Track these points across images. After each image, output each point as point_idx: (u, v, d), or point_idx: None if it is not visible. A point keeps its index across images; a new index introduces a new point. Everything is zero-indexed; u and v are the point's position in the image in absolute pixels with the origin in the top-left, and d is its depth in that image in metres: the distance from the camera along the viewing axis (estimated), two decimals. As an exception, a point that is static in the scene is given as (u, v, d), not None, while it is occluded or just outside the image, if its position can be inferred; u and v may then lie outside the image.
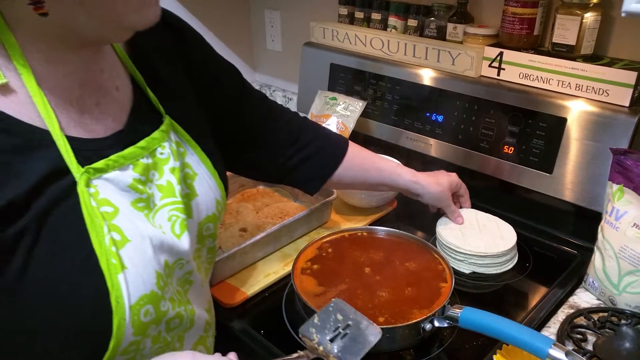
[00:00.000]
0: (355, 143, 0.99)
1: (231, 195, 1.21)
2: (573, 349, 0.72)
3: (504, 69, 1.06)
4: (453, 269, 0.86)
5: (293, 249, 1.01)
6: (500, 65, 1.06)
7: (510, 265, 0.96)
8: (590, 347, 0.75)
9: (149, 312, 0.56)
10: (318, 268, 0.88)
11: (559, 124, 0.98)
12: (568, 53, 0.98)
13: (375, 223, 1.10)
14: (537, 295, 0.90)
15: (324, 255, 0.91)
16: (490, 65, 1.08)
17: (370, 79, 1.27)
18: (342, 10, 1.36)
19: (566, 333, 0.78)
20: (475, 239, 0.96)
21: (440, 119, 1.16)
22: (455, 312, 0.73)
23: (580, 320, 0.81)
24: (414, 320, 0.75)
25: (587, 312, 0.82)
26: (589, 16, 0.94)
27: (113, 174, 0.56)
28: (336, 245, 0.93)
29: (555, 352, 0.60)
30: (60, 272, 0.51)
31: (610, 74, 0.92)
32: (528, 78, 1.03)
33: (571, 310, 0.85)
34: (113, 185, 0.56)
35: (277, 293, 0.91)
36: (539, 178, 1.03)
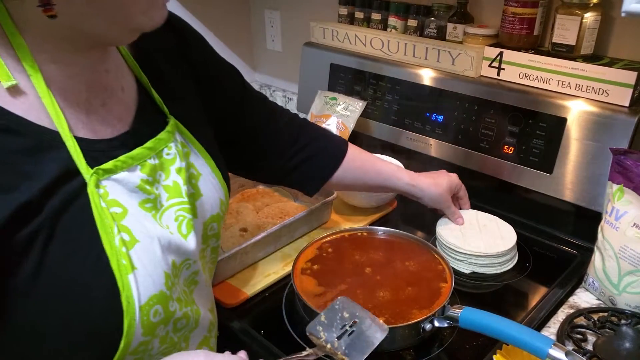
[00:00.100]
0: (356, 143, 0.99)
1: (231, 195, 1.21)
2: (573, 349, 0.72)
3: (503, 69, 1.06)
4: (453, 269, 0.86)
5: (293, 249, 1.01)
6: (500, 65, 1.06)
7: (510, 265, 0.96)
8: (590, 347, 0.75)
9: (158, 312, 0.57)
10: (318, 268, 0.88)
11: (559, 124, 0.98)
12: (568, 53, 0.98)
13: (375, 223, 1.10)
14: (537, 295, 0.90)
15: (324, 256, 0.91)
16: (490, 65, 1.08)
17: (370, 79, 1.27)
18: (342, 10, 1.36)
19: (566, 333, 0.78)
20: (475, 239, 0.96)
21: (440, 119, 1.16)
22: (455, 312, 0.73)
23: (580, 320, 0.81)
24: (414, 320, 0.75)
25: (587, 312, 0.82)
26: (589, 16, 0.94)
27: (121, 174, 0.56)
28: (336, 246, 0.93)
29: (555, 352, 0.60)
30: (72, 273, 0.51)
31: (610, 74, 0.92)
32: (528, 78, 1.03)
33: (571, 310, 0.85)
34: (121, 186, 0.56)
35: (277, 293, 0.91)
36: (539, 178, 1.03)
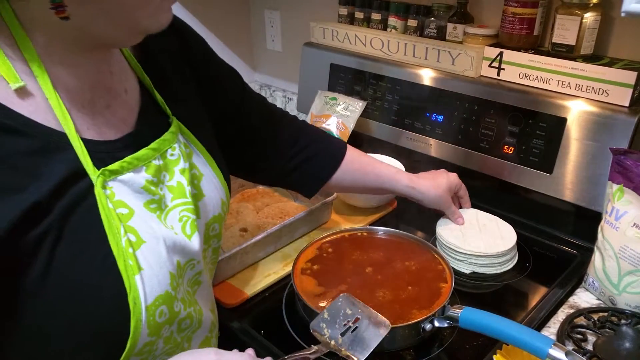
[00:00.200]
0: (356, 143, 0.99)
1: (231, 196, 1.20)
2: (573, 349, 0.72)
3: (503, 69, 1.06)
4: (453, 269, 0.86)
5: (293, 249, 1.01)
6: (500, 65, 1.06)
7: (510, 265, 0.96)
8: (590, 347, 0.75)
9: (164, 313, 0.57)
10: (318, 268, 0.88)
11: (559, 124, 0.98)
12: (568, 53, 0.98)
13: (375, 223, 1.10)
14: (537, 295, 0.90)
15: (324, 256, 0.91)
16: (490, 65, 1.08)
17: (370, 79, 1.27)
18: (342, 11, 1.36)
19: (566, 333, 0.78)
20: (475, 239, 0.96)
21: (440, 119, 1.16)
22: (455, 312, 0.73)
23: (580, 320, 0.81)
24: (414, 320, 0.75)
25: (587, 312, 0.82)
26: (589, 16, 0.94)
27: (127, 175, 0.56)
28: (336, 246, 0.93)
29: (555, 352, 0.60)
30: (80, 274, 0.52)
31: (610, 74, 0.92)
32: (528, 78, 1.03)
33: (571, 310, 0.85)
34: (127, 187, 0.56)
35: (277, 293, 0.91)
36: (539, 178, 1.03)
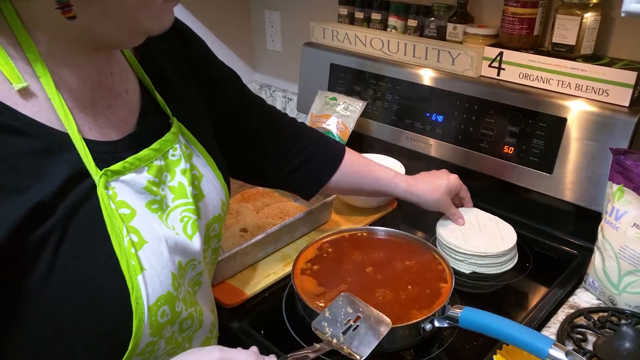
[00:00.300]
0: (356, 143, 0.99)
1: (231, 196, 1.20)
2: (573, 349, 0.72)
3: (503, 69, 1.06)
4: (453, 269, 0.86)
5: (293, 249, 1.01)
6: (500, 65, 1.06)
7: (510, 265, 0.96)
8: (590, 347, 0.75)
9: (166, 313, 0.57)
10: (318, 268, 0.88)
11: (559, 124, 0.98)
12: (568, 53, 0.98)
13: (375, 223, 1.10)
14: (537, 295, 0.90)
15: (324, 256, 0.91)
16: (490, 65, 1.08)
17: (370, 79, 1.27)
18: (342, 11, 1.36)
19: (566, 333, 0.78)
20: (475, 239, 0.96)
21: (440, 119, 1.16)
22: (455, 312, 0.73)
23: (580, 320, 0.81)
24: (414, 321, 0.75)
25: (587, 312, 0.82)
26: (589, 16, 0.94)
27: (129, 176, 0.57)
28: (336, 246, 0.93)
29: (555, 352, 0.60)
30: (83, 274, 0.52)
31: (610, 74, 0.92)
32: (528, 78, 1.03)
33: (571, 310, 0.85)
34: (129, 188, 0.57)
35: (277, 293, 0.91)
36: (539, 178, 1.03)
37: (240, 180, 0.94)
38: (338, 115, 1.30)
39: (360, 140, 1.30)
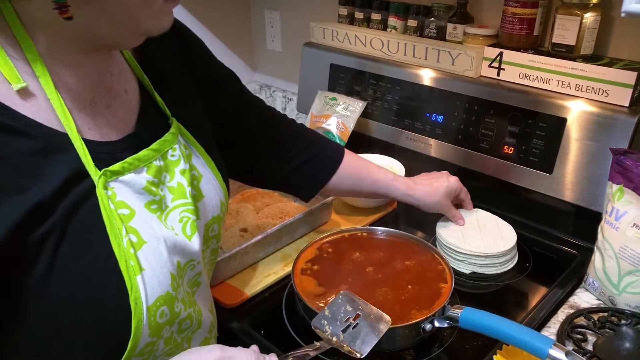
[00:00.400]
0: (356, 143, 0.99)
1: (231, 196, 1.21)
2: (573, 349, 0.72)
3: (503, 69, 1.06)
4: (453, 269, 0.86)
5: (293, 249, 1.01)
6: (500, 65, 1.06)
7: (510, 266, 0.96)
8: (590, 347, 0.75)
9: (164, 313, 0.57)
10: (318, 268, 0.88)
11: (559, 124, 0.98)
12: (568, 53, 0.98)
13: (375, 223, 1.10)
14: (537, 295, 0.90)
15: (324, 256, 0.91)
16: (490, 66, 1.08)
17: (370, 79, 1.27)
18: (342, 11, 1.36)
19: (566, 333, 0.78)
20: (475, 239, 0.96)
21: (440, 119, 1.16)
22: (455, 312, 0.73)
23: (580, 320, 0.81)
24: (414, 321, 0.75)
25: (587, 312, 0.82)
26: (589, 16, 0.94)
27: (129, 176, 0.57)
28: (336, 246, 0.93)
29: (555, 352, 0.60)
30: (82, 274, 0.52)
31: (610, 74, 0.92)
32: (528, 78, 1.03)
33: (571, 310, 0.85)
34: (128, 188, 0.57)
35: (277, 293, 0.91)
36: (539, 178, 1.03)
37: (239, 180, 0.94)
38: (338, 116, 1.30)
39: (360, 141, 1.30)
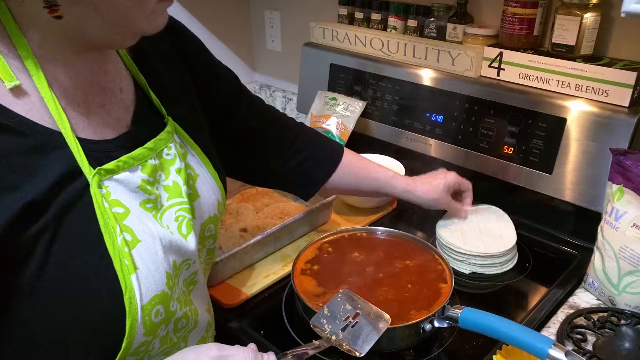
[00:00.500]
0: (356, 143, 0.98)
1: (231, 196, 1.21)
2: (573, 349, 0.72)
3: (503, 69, 1.06)
4: (453, 269, 0.86)
5: (293, 249, 1.01)
6: (500, 65, 1.06)
7: (510, 266, 0.96)
8: (590, 347, 0.75)
9: (160, 312, 0.57)
10: (318, 268, 0.88)
11: (559, 124, 0.98)
12: (568, 53, 0.98)
13: (375, 223, 1.10)
14: (537, 295, 0.90)
15: (324, 256, 0.91)
16: (490, 66, 1.08)
17: (370, 79, 1.27)
18: (342, 11, 1.36)
19: (566, 333, 0.78)
20: (475, 239, 0.96)
21: (440, 119, 1.16)
22: (455, 313, 0.73)
23: (580, 320, 0.81)
24: (414, 321, 0.75)
25: (587, 312, 0.82)
26: (589, 16, 0.94)
27: (123, 175, 0.57)
28: (336, 246, 0.93)
29: (555, 352, 0.60)
30: (76, 272, 0.52)
31: (610, 74, 0.92)
32: (528, 78, 1.03)
33: (571, 311, 0.85)
34: (123, 186, 0.57)
35: (277, 293, 0.91)
36: (539, 178, 1.03)
37: (237, 179, 0.94)
38: (338, 116, 1.30)
39: (360, 141, 1.30)
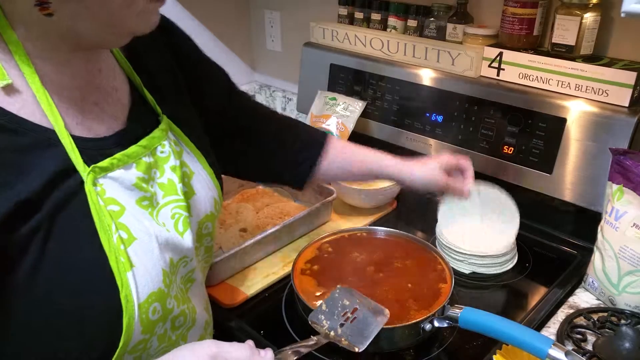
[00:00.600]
0: (356, 143, 0.98)
1: (231, 196, 1.21)
2: (573, 349, 0.72)
3: (503, 69, 1.06)
4: (453, 269, 0.86)
5: (293, 249, 1.01)
6: (499, 65, 1.06)
7: (510, 266, 0.96)
8: (590, 347, 0.75)
9: (157, 310, 0.57)
10: (318, 268, 0.88)
11: (559, 124, 0.98)
12: (568, 53, 0.98)
13: (375, 223, 1.10)
14: (537, 295, 0.90)
15: (324, 256, 0.91)
16: (490, 66, 1.08)
17: (370, 79, 1.27)
18: (342, 11, 1.36)
19: (566, 333, 0.78)
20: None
21: (440, 119, 1.16)
22: (455, 312, 0.73)
23: (580, 320, 0.81)
24: (413, 321, 0.75)
25: (587, 312, 0.82)
26: (589, 16, 0.94)
27: (118, 172, 0.57)
28: (336, 246, 0.93)
29: (555, 352, 0.60)
30: (71, 270, 0.52)
31: (610, 74, 0.92)
32: (528, 78, 1.03)
33: (571, 311, 0.85)
34: (118, 184, 0.57)
35: (277, 293, 0.91)
36: (539, 178, 1.03)
37: (230, 175, 0.93)
38: (338, 116, 1.30)
39: (360, 141, 1.29)
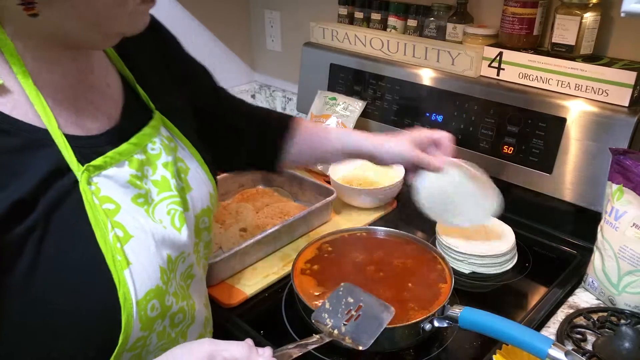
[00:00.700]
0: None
1: (231, 195, 1.21)
2: (573, 349, 0.72)
3: (503, 69, 1.06)
4: (453, 269, 0.86)
5: (293, 249, 1.01)
6: (499, 65, 1.06)
7: (509, 265, 0.96)
8: (589, 347, 0.75)
9: (155, 307, 0.57)
10: (318, 268, 0.88)
11: (559, 124, 0.98)
12: (567, 53, 0.98)
13: (375, 223, 1.10)
14: (537, 295, 0.90)
15: (324, 256, 0.91)
16: (489, 65, 1.08)
17: (370, 79, 1.27)
18: (342, 11, 1.36)
19: (566, 333, 0.78)
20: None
21: (440, 119, 1.16)
22: (455, 312, 0.73)
23: (580, 320, 0.81)
24: (413, 321, 0.75)
25: (587, 312, 0.82)
26: (589, 16, 0.94)
27: (111, 170, 0.57)
28: (336, 246, 0.93)
29: (554, 352, 0.60)
30: (67, 270, 0.52)
31: (610, 74, 0.92)
32: (527, 78, 1.03)
33: (571, 310, 0.85)
34: (113, 182, 0.57)
35: (277, 293, 0.91)
36: (538, 178, 1.03)
37: (224, 172, 0.93)
38: (338, 115, 1.30)
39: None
